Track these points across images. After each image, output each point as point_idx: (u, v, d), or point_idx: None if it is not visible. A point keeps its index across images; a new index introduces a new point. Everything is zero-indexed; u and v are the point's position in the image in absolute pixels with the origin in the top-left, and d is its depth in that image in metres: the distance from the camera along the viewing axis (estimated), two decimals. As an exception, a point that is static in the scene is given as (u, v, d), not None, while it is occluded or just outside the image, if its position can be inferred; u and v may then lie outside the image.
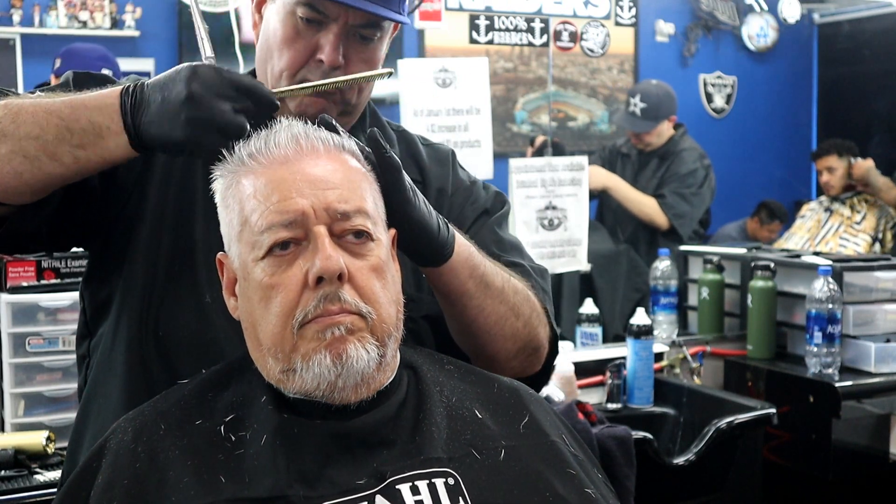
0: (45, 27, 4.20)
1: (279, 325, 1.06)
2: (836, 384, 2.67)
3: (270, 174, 1.09)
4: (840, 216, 4.48)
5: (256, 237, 1.08)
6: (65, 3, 4.19)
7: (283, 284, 1.06)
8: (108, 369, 1.31)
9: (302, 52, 1.30)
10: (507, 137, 4.89)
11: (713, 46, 5.50)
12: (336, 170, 1.11)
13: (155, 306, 1.27)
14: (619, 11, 4.61)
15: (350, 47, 1.31)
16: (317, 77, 1.29)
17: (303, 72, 1.30)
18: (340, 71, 1.30)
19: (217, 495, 1.01)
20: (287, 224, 1.07)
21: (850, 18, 5.57)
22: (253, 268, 1.08)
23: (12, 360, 2.02)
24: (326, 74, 1.29)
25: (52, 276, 2.11)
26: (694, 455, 2.37)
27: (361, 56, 1.32)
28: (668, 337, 3.00)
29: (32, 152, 1.14)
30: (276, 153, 1.10)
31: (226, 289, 1.16)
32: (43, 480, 1.88)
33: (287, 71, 1.31)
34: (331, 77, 1.28)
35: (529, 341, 1.35)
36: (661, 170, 3.88)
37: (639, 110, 3.87)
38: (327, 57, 1.28)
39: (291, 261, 1.07)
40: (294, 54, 1.30)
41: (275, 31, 1.32)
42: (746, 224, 5.09)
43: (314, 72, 1.30)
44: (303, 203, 1.07)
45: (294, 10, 1.29)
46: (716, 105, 5.58)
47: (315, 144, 1.12)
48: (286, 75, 1.31)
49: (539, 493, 1.08)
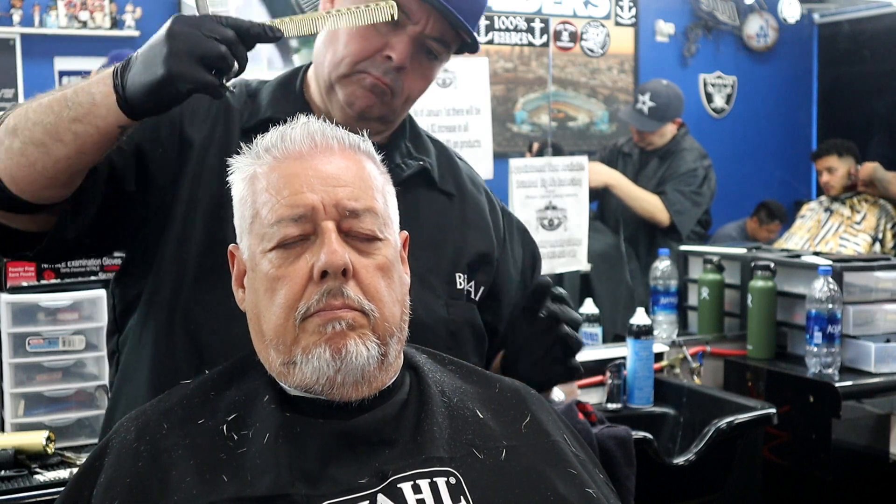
0: (45, 27, 4.19)
1: (282, 316, 1.07)
2: (836, 384, 2.67)
3: (284, 169, 1.10)
4: (840, 216, 4.48)
5: (266, 230, 1.09)
6: (65, 3, 4.19)
7: (288, 277, 1.07)
8: (136, 364, 1.33)
9: (371, 44, 1.32)
10: (507, 137, 4.89)
11: (713, 46, 5.49)
12: (349, 168, 1.12)
13: (184, 301, 1.28)
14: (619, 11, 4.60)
15: (415, 56, 1.34)
16: (376, 71, 1.32)
17: (365, 63, 1.33)
18: (401, 77, 1.33)
19: (219, 494, 1.01)
20: (296, 218, 1.08)
21: (850, 18, 5.56)
22: (261, 259, 1.09)
23: (12, 360, 2.02)
24: (388, 73, 1.32)
25: (52, 276, 2.11)
26: (694, 455, 2.37)
27: (421, 69, 1.36)
28: (668, 337, 3.00)
29: (39, 138, 1.16)
30: (292, 148, 1.11)
31: (235, 280, 1.17)
32: (43, 480, 1.88)
33: (349, 59, 1.33)
34: (388, 76, 1.32)
35: None
36: (662, 168, 3.88)
37: (647, 109, 3.86)
38: (398, 56, 1.31)
39: (298, 254, 1.08)
40: (363, 44, 1.32)
41: None
42: (746, 224, 5.09)
43: (378, 66, 1.32)
44: (313, 198, 1.08)
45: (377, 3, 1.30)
46: (716, 105, 5.57)
47: (330, 142, 1.13)
48: (347, 62, 1.33)
49: (540, 492, 1.09)
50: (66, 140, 1.15)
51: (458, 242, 1.46)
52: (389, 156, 1.42)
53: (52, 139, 1.15)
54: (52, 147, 1.16)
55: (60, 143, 1.16)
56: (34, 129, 1.16)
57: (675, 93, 3.94)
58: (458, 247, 1.46)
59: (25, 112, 1.18)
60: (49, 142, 1.16)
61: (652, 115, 3.85)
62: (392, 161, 1.42)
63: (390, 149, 1.43)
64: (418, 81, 1.37)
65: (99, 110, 1.14)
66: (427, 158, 1.48)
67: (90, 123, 1.15)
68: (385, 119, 1.39)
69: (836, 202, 4.52)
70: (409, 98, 1.39)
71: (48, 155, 1.16)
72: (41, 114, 1.16)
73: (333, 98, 1.37)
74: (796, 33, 5.59)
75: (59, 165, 1.17)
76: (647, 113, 3.85)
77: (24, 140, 1.17)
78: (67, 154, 1.16)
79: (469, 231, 1.48)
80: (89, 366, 2.09)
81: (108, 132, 1.16)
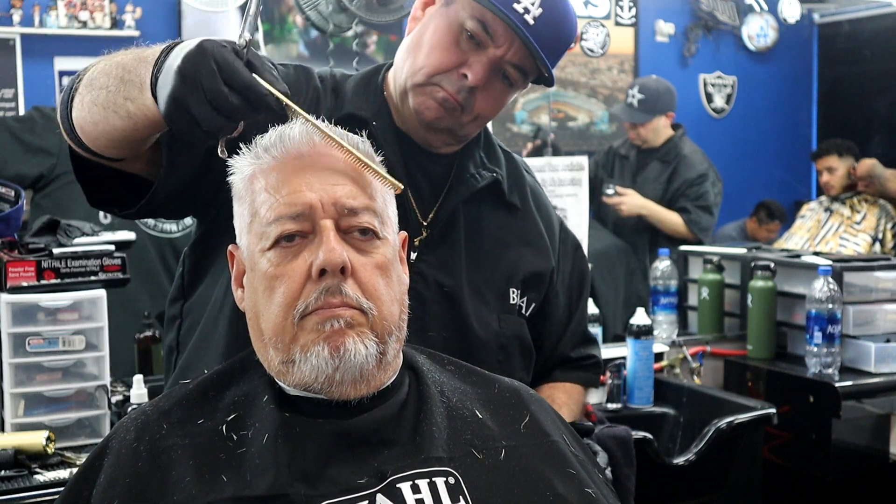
0: (45, 27, 4.19)
1: (281, 315, 1.07)
2: (836, 384, 2.67)
3: (283, 168, 1.11)
4: (840, 216, 4.48)
5: (264, 228, 1.09)
6: (65, 3, 4.19)
7: (286, 275, 1.07)
8: (209, 340, 1.35)
9: (450, 60, 1.35)
10: (507, 137, 4.89)
11: (713, 46, 5.49)
12: (348, 167, 1.12)
13: None
14: (619, 11, 4.61)
15: (491, 79, 1.36)
16: (449, 87, 1.34)
17: (440, 76, 1.35)
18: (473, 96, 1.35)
19: (218, 494, 1.01)
20: (294, 216, 1.08)
21: (850, 18, 5.56)
22: (259, 258, 1.10)
23: (12, 360, 2.02)
24: (462, 91, 1.34)
25: (52, 276, 2.11)
26: (694, 455, 2.36)
27: (495, 92, 1.38)
28: (668, 337, 3.00)
29: (102, 101, 1.16)
30: (291, 148, 1.12)
31: (234, 280, 1.17)
32: (43, 480, 1.87)
33: (426, 69, 1.36)
34: (462, 94, 1.34)
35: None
36: (666, 174, 3.89)
37: (636, 101, 3.89)
38: (474, 75, 1.33)
39: (297, 253, 1.08)
40: (443, 58, 1.35)
41: (434, 31, 1.36)
42: (746, 224, 5.09)
43: (453, 83, 1.35)
44: (311, 196, 1.08)
45: (464, 21, 1.34)
46: (716, 105, 5.57)
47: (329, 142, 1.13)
48: (424, 73, 1.36)
49: (539, 492, 1.09)
50: (120, 114, 1.15)
51: (515, 258, 1.49)
52: (463, 164, 1.46)
53: (110, 109, 1.15)
54: (110, 116, 1.15)
55: (116, 116, 1.15)
56: (99, 93, 1.16)
57: (663, 85, 3.98)
58: (515, 263, 1.49)
59: (104, 67, 1.17)
60: (108, 110, 1.15)
61: (642, 108, 3.88)
62: (465, 171, 1.46)
63: (464, 158, 1.46)
64: (490, 103, 1.39)
65: (145, 98, 1.11)
66: (499, 170, 1.50)
67: (139, 109, 1.12)
68: (452, 133, 1.41)
69: (836, 202, 4.52)
70: (479, 117, 1.40)
71: (107, 121, 1.16)
72: (106, 77, 1.15)
73: (405, 103, 1.39)
74: (796, 33, 5.59)
75: (115, 134, 1.17)
76: (637, 106, 3.89)
77: (93, 99, 1.16)
78: (123, 127, 1.16)
79: (527, 248, 1.51)
80: (89, 366, 2.09)
81: (155, 119, 1.12)
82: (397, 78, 1.42)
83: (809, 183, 5.67)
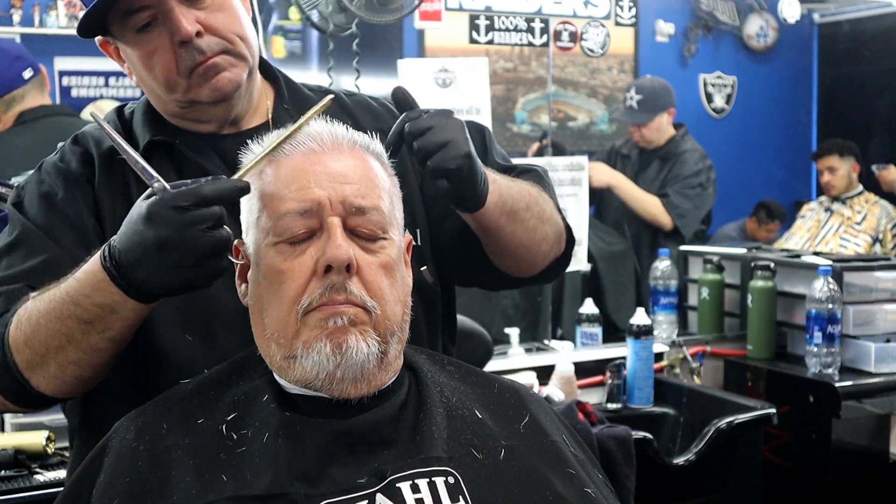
0: (45, 27, 4.19)
1: (285, 310, 1.07)
2: (836, 384, 2.67)
3: (292, 164, 1.11)
4: (840, 216, 4.48)
5: (272, 223, 1.09)
6: (65, 3, 4.19)
7: (292, 271, 1.08)
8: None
9: (163, 63, 1.23)
10: (507, 137, 4.89)
11: (713, 46, 5.49)
12: (357, 167, 1.12)
13: None
14: (619, 11, 4.60)
15: (181, 12, 1.21)
16: (191, 63, 1.21)
17: (176, 78, 1.23)
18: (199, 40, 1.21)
19: (218, 493, 1.01)
20: (303, 212, 1.08)
21: (850, 18, 5.56)
22: (266, 253, 1.10)
23: (12, 360, 2.02)
24: (191, 52, 1.21)
25: (53, 276, 2.11)
26: (694, 455, 2.37)
27: (202, 7, 1.23)
28: (668, 337, 3.00)
29: (74, 358, 1.12)
30: (302, 145, 1.12)
31: (238, 275, 1.17)
32: (43, 480, 1.88)
33: (168, 90, 1.25)
34: (199, 55, 1.21)
35: (556, 233, 1.40)
36: (664, 171, 3.88)
37: (635, 103, 3.89)
38: (173, 33, 1.21)
39: (303, 249, 1.08)
40: (161, 72, 1.23)
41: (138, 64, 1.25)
42: (745, 224, 5.09)
43: (185, 61, 1.22)
44: (320, 193, 1.08)
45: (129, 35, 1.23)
46: (716, 105, 5.57)
47: (339, 141, 1.14)
48: (173, 95, 1.25)
49: (539, 492, 1.09)
50: (101, 347, 1.12)
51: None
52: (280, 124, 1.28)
53: (89, 352, 1.12)
54: (92, 357, 1.13)
55: (99, 351, 1.12)
56: (63, 353, 1.11)
57: (660, 84, 3.99)
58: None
59: (35, 335, 1.12)
60: (86, 356, 1.12)
61: (642, 108, 3.88)
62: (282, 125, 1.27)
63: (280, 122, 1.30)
64: (218, 17, 1.24)
65: (123, 314, 1.09)
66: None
67: (121, 327, 1.11)
68: (238, 81, 1.26)
69: (837, 202, 4.52)
70: (231, 40, 1.24)
71: (90, 364, 1.13)
72: (61, 338, 1.11)
73: (198, 108, 1.27)
74: (796, 33, 5.59)
75: (104, 361, 1.15)
76: (637, 107, 3.89)
77: (60, 363, 1.12)
78: (108, 350, 1.13)
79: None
80: (89, 366, 2.09)
81: (139, 320, 1.12)
82: (167, 111, 1.30)
83: (809, 183, 5.67)
